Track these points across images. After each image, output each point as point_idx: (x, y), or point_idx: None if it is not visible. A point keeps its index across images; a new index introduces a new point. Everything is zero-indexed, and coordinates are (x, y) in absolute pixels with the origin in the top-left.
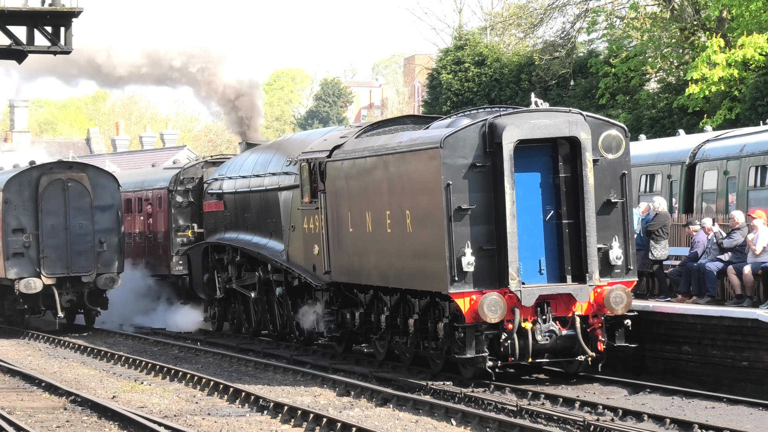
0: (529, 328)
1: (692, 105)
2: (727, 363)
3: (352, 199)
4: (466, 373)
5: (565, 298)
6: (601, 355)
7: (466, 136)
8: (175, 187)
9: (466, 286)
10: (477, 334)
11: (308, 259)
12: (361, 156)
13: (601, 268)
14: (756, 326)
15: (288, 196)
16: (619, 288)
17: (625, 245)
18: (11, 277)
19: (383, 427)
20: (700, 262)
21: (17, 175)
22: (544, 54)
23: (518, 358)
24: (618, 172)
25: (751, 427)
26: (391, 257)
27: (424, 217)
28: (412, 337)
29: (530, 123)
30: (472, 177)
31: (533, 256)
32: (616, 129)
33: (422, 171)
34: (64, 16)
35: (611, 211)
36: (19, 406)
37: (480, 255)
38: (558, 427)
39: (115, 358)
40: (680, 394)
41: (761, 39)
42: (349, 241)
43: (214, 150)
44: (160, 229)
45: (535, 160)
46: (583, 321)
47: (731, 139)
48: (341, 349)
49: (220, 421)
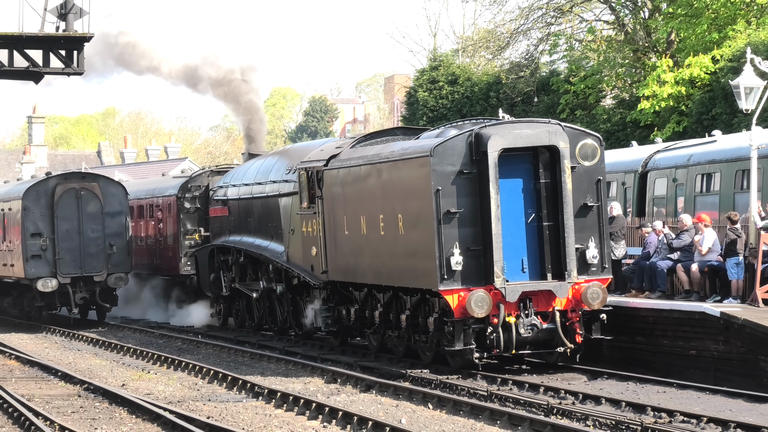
0: (512, 322)
1: (644, 119)
2: (676, 352)
3: (348, 204)
4: (455, 363)
5: (546, 294)
6: (579, 347)
7: (454, 145)
8: (183, 194)
9: (454, 284)
10: (465, 328)
11: (307, 260)
12: (356, 164)
13: (579, 267)
14: (702, 318)
15: (288, 202)
16: (596, 285)
17: (600, 245)
18: (30, 277)
19: (367, 411)
20: (651, 261)
21: (35, 185)
22: (511, 73)
23: (503, 349)
24: (594, 178)
25: (699, 409)
26: (384, 257)
27: (415, 220)
28: (404, 331)
29: (513, 133)
30: (460, 183)
31: (516, 256)
32: (591, 138)
33: (413, 177)
34: (76, 40)
35: (588, 213)
36: (38, 394)
37: (467, 255)
38: (524, 410)
39: (125, 350)
40: (635, 380)
41: (706, 59)
42: (345, 243)
43: (212, 161)
44: (170, 233)
45: (518, 167)
46: (563, 315)
47: (679, 149)
48: (338, 343)
49: (220, 406)
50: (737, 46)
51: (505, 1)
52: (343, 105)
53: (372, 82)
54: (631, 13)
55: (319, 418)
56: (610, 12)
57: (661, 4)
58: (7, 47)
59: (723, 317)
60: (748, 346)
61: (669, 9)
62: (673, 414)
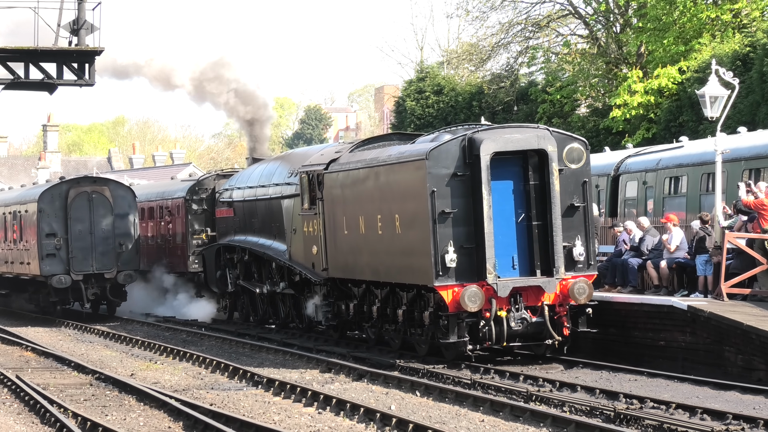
0: (504, 316)
1: (616, 126)
2: (647, 342)
3: (347, 206)
4: (449, 355)
5: (535, 289)
6: (566, 340)
7: (449, 149)
8: (191, 196)
9: (449, 280)
10: (459, 322)
11: (308, 258)
12: (354, 168)
13: (566, 264)
14: (671, 311)
15: (290, 204)
16: (582, 281)
17: (586, 243)
18: (45, 275)
19: (359, 398)
20: (623, 258)
21: (50, 189)
22: (492, 84)
23: (494, 342)
24: (580, 179)
25: (668, 396)
26: (381, 255)
27: (411, 220)
28: (401, 325)
29: (504, 137)
30: (454, 185)
31: (507, 253)
32: (578, 143)
33: (410, 180)
34: (88, 54)
35: (574, 213)
36: (52, 383)
37: (461, 252)
38: (505, 397)
39: (133, 342)
40: (608, 369)
41: (673, 70)
42: (344, 242)
43: (215, 166)
44: (179, 233)
45: (509, 169)
46: (551, 310)
47: (649, 154)
48: (337, 336)
49: (222, 394)
50: (702, 58)
51: (487, 17)
52: (336, 113)
53: (363, 92)
54: (604, 27)
55: (314, 405)
56: (585, 27)
57: (632, 19)
58: (23, 60)
59: (690, 310)
60: (714, 337)
61: (639, 24)
62: (643, 400)
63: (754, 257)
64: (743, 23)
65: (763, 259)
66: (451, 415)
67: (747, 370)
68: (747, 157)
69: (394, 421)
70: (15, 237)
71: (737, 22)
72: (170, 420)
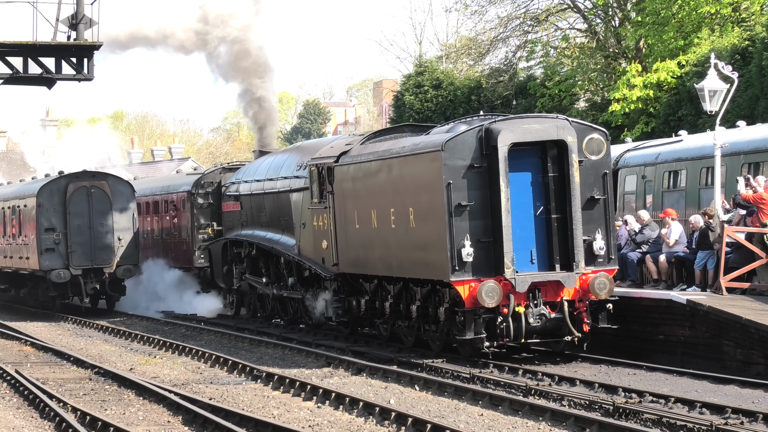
0: (522, 312)
1: (615, 120)
2: (646, 336)
3: (359, 199)
4: (464, 352)
5: (554, 284)
6: (586, 336)
7: (465, 140)
8: (196, 190)
9: (465, 275)
10: (475, 318)
11: (317, 253)
12: (366, 160)
13: (586, 258)
14: (670, 305)
15: (299, 197)
16: (603, 275)
17: (607, 237)
18: (44, 269)
19: (358, 392)
20: (622, 252)
21: (48, 183)
22: (491, 78)
23: (512, 339)
24: (600, 171)
25: (666, 390)
26: (394, 250)
27: (426, 213)
28: (414, 321)
29: (522, 128)
30: (471, 177)
31: (525, 247)
32: (598, 133)
33: (425, 172)
34: (87, 49)
35: (594, 206)
36: (52, 377)
37: (478, 246)
38: (504, 391)
39: (132, 336)
40: (607, 362)
41: (672, 64)
42: (355, 236)
43: (213, 160)
44: (184, 227)
45: (527, 161)
46: (570, 305)
47: (648, 148)
48: (348, 332)
49: (221, 388)
50: (701, 52)
51: (486, 11)
52: (335, 108)
53: (362, 87)
54: (603, 21)
55: (313, 399)
56: (583, 21)
57: (631, 13)
58: (21, 55)
59: (689, 304)
60: (713, 331)
61: (638, 18)
62: (642, 394)
63: (753, 251)
64: (742, 17)
65: (762, 253)
66: (450, 409)
67: (746, 364)
68: (746, 151)
69: (393, 415)
70: (14, 232)
71: (736, 16)
72: (169, 414)
